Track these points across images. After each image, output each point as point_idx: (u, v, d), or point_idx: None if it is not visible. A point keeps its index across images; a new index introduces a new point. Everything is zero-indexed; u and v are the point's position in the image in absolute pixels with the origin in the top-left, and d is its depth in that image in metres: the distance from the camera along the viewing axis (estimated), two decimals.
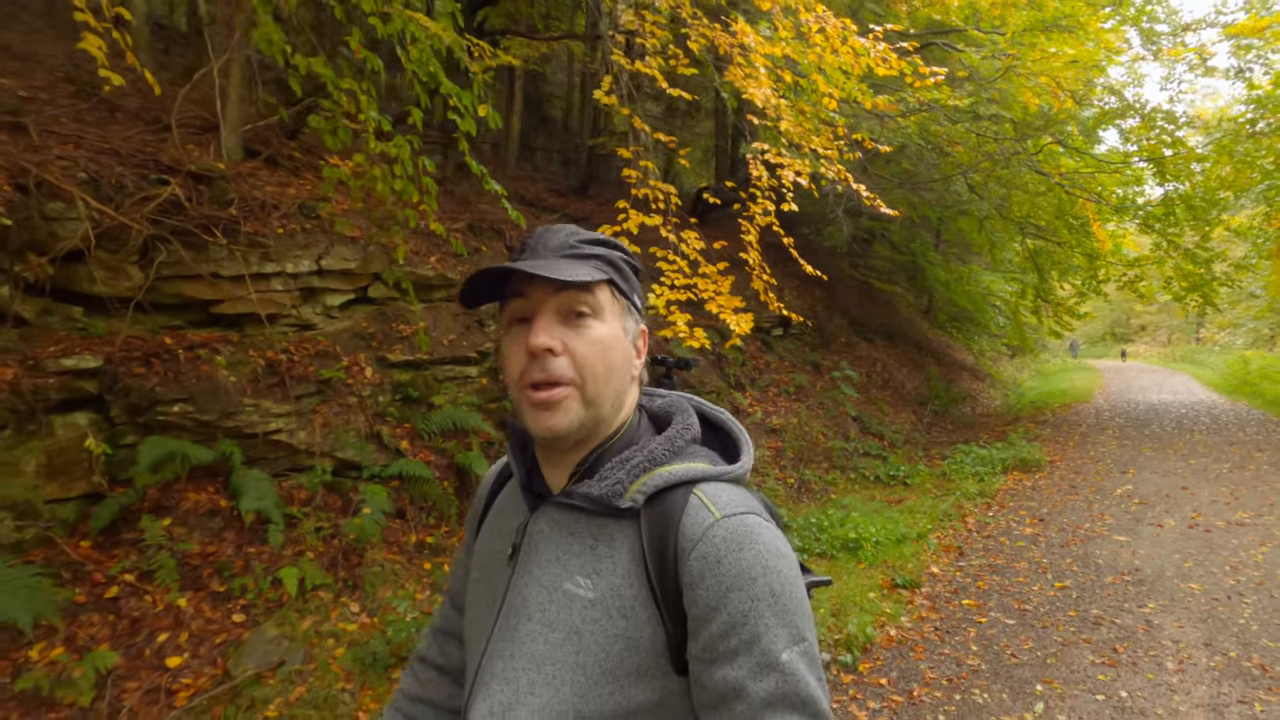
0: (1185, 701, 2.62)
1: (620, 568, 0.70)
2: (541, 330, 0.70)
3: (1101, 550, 4.33)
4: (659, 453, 0.73)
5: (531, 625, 0.72)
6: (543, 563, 0.74)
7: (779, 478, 6.57)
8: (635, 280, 0.81)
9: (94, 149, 4.36)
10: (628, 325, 0.77)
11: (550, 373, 0.70)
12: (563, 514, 0.75)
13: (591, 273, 0.71)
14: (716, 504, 0.69)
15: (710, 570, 0.65)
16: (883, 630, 3.22)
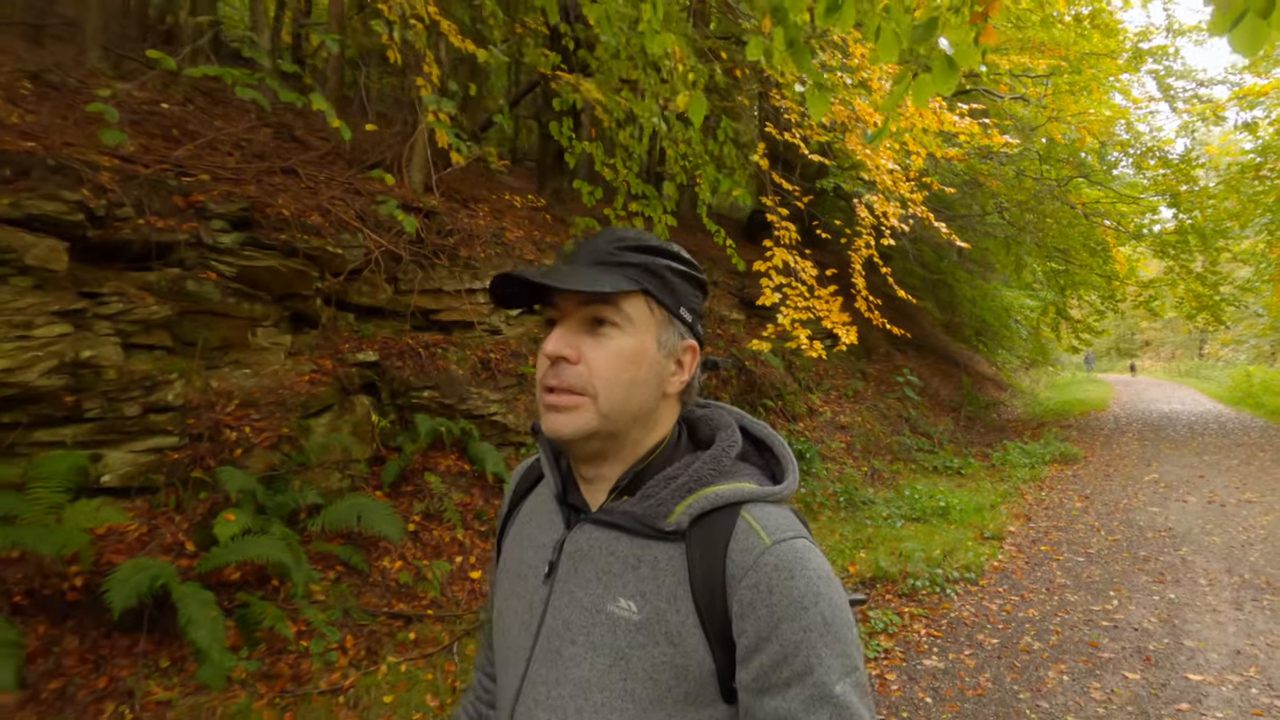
0: (1216, 600, 3.81)
1: (665, 591, 0.67)
2: (558, 337, 0.70)
3: (1140, 517, 5.53)
4: (705, 472, 0.71)
5: (576, 649, 0.70)
6: (583, 582, 0.72)
7: (854, 466, 7.74)
8: (687, 290, 0.76)
9: (341, 188, 5.62)
10: (664, 339, 0.73)
11: (563, 380, 0.69)
12: (603, 531, 0.73)
13: (618, 282, 0.68)
14: (765, 528, 0.67)
15: (762, 600, 0.63)
16: (987, 562, 4.41)
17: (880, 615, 3.53)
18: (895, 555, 4.36)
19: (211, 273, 4.17)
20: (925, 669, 3.06)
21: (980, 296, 14.80)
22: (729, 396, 7.40)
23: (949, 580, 4.05)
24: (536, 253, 6.52)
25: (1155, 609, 3.71)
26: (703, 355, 0.81)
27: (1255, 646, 3.23)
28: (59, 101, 4.89)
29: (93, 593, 3.08)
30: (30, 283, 3.30)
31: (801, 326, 5.63)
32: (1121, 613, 3.66)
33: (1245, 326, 22.34)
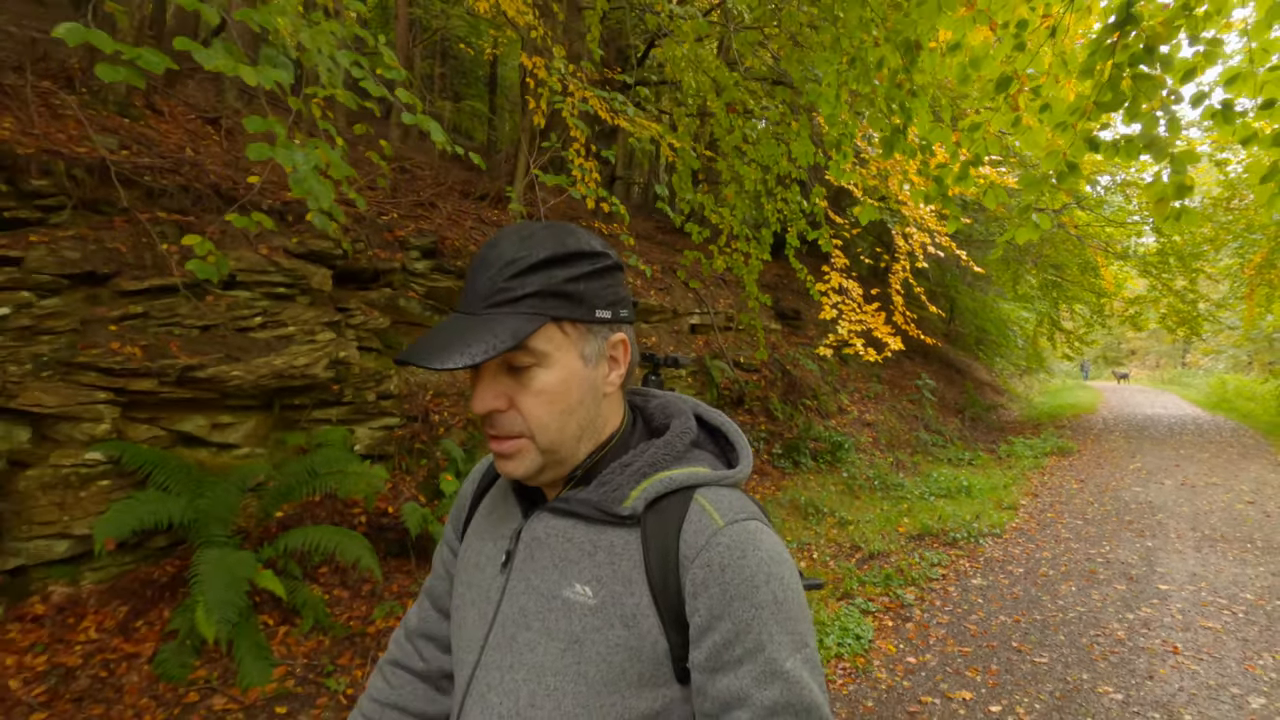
0: (1181, 547, 5.12)
1: (621, 575, 0.69)
2: (481, 393, 0.69)
3: (1126, 494, 6.87)
4: (659, 457, 0.73)
5: (530, 634, 0.70)
6: (539, 569, 0.73)
7: (881, 457, 9.03)
8: (598, 286, 0.71)
9: (473, 219, 6.88)
10: (588, 351, 0.71)
11: (500, 429, 0.70)
12: (560, 520, 0.74)
13: (520, 326, 0.65)
14: (718, 509, 0.69)
15: (714, 579, 0.65)
16: (1007, 524, 5.70)
17: (933, 554, 4.81)
18: (935, 518, 5.64)
19: (412, 291, 5.44)
20: (973, 586, 4.33)
21: (980, 308, 16.20)
22: (776, 395, 8.69)
23: (980, 534, 5.34)
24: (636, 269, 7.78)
25: (1137, 552, 5.02)
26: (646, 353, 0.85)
27: (1206, 572, 4.54)
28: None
29: (374, 525, 4.33)
30: (308, 300, 4.56)
31: (856, 336, 6.91)
32: (1112, 554, 4.97)
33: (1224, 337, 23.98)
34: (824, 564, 4.77)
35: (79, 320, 3.50)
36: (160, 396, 3.64)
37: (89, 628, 3.16)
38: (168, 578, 3.48)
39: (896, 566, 4.51)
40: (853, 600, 3.91)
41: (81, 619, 3.19)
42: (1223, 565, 4.70)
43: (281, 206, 4.63)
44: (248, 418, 4.09)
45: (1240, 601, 4.00)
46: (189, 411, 3.82)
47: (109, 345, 3.47)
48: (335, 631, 3.51)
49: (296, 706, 2.99)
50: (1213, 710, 2.78)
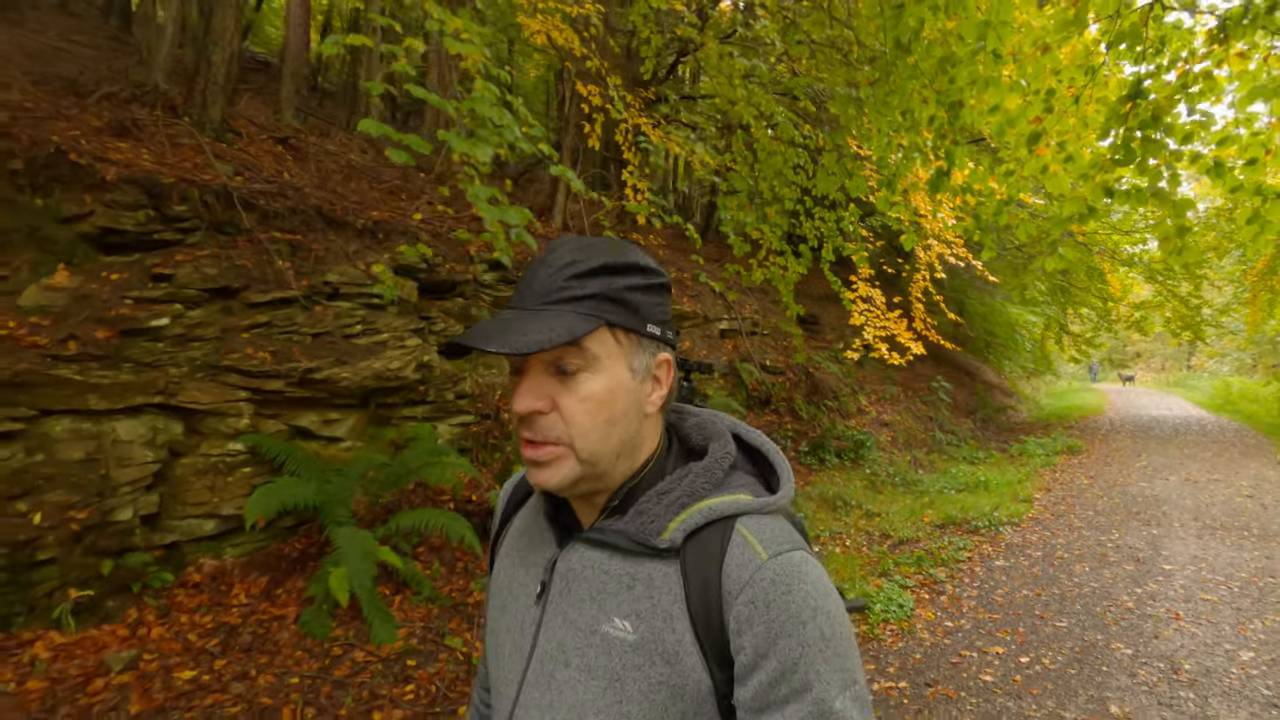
0: (1184, 534, 5.61)
1: (661, 610, 0.67)
2: (525, 392, 0.68)
3: (1133, 489, 7.36)
4: (699, 485, 0.71)
5: (570, 672, 0.69)
6: (576, 603, 0.71)
7: (899, 455, 9.52)
8: (651, 302, 0.72)
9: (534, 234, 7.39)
10: (636, 364, 0.70)
11: (538, 432, 0.68)
12: (596, 551, 0.72)
13: (577, 324, 0.65)
14: (761, 541, 0.67)
15: (759, 615, 0.63)
16: (1024, 514, 6.20)
17: (958, 540, 5.31)
18: (957, 509, 6.14)
19: (482, 301, 5.97)
20: (997, 567, 4.83)
21: (989, 312, 16.67)
22: (800, 396, 9.19)
23: (1000, 523, 5.84)
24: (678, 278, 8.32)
25: (1143, 538, 5.52)
26: (678, 358, 0.81)
27: (1206, 555, 5.04)
28: (350, 172, 6.65)
29: (461, 510, 4.84)
30: (398, 310, 5.08)
31: (880, 341, 7.41)
32: (1121, 540, 5.47)
33: (1228, 341, 24.41)
34: (858, 550, 5.27)
35: (220, 329, 4.04)
36: (285, 395, 4.16)
37: (239, 594, 3.68)
38: (297, 553, 4.00)
39: (926, 550, 5.02)
40: (891, 578, 4.42)
41: (231, 587, 3.72)
42: (1221, 550, 5.19)
43: (373, 226, 5.16)
44: (350, 414, 4.60)
45: (1236, 579, 4.49)
46: (305, 409, 4.34)
47: (245, 350, 4.00)
48: (441, 601, 4.03)
49: (422, 660, 3.50)
50: (1208, 661, 3.28)
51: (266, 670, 3.20)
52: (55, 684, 2.81)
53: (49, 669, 2.87)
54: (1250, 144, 2.46)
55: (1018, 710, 2.85)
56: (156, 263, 3.97)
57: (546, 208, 8.42)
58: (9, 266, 3.57)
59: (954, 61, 2.75)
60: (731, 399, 8.13)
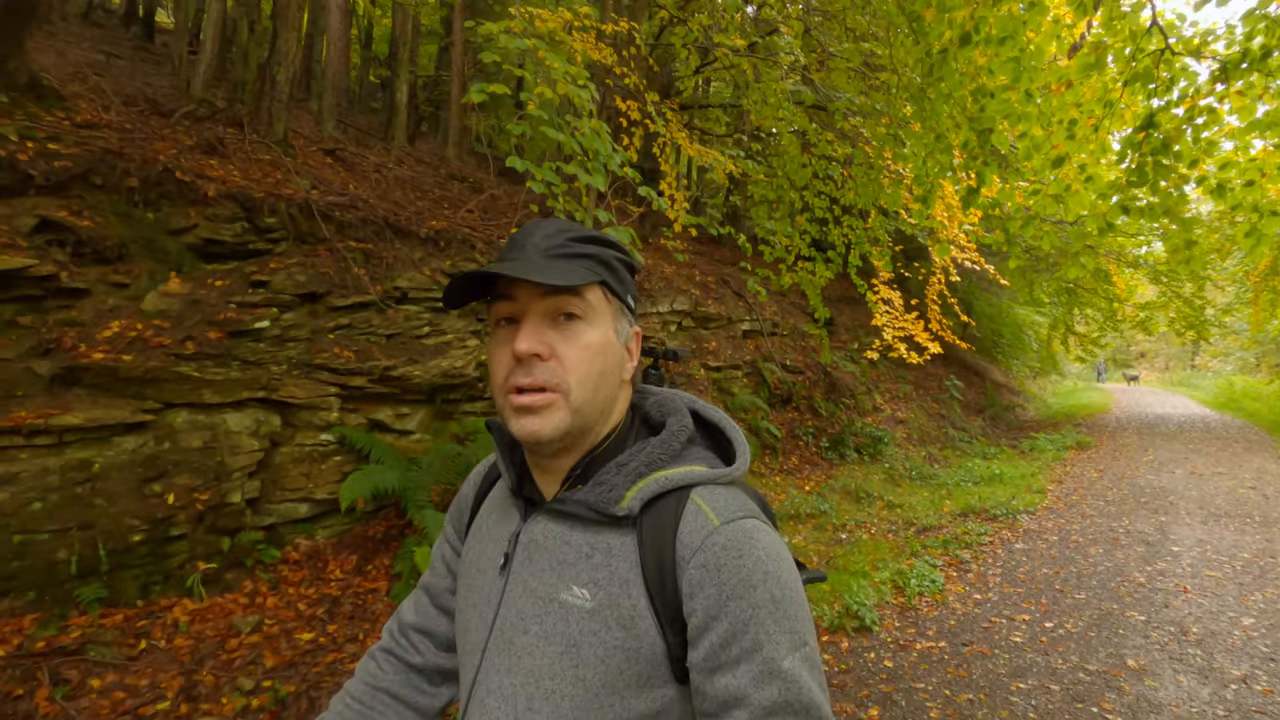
0: (1190, 521, 5.99)
1: (618, 577, 0.69)
2: (528, 334, 0.70)
3: (1141, 481, 7.74)
4: (655, 456, 0.73)
5: (528, 638, 0.71)
6: (537, 572, 0.74)
7: (914, 450, 9.90)
8: (630, 279, 0.79)
9: None
10: (620, 328, 0.76)
11: (536, 378, 0.70)
12: (557, 522, 0.75)
13: (583, 274, 0.70)
14: (714, 509, 0.69)
15: (710, 579, 0.65)
16: (1038, 504, 6.58)
17: (978, 526, 5.69)
18: (975, 499, 6.52)
19: None
20: (1017, 549, 5.22)
21: (996, 313, 17.03)
22: (819, 394, 9.57)
23: (1017, 511, 6.22)
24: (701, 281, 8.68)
25: (1152, 525, 5.91)
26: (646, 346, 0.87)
27: (1211, 539, 5.42)
28: (396, 182, 7.04)
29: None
30: (458, 313, 5.47)
31: (899, 341, 7.79)
32: (1131, 526, 5.85)
33: (1231, 341, 24.75)
34: (884, 536, 5.65)
35: (310, 330, 4.44)
36: (365, 391, 4.56)
37: (335, 570, 4.08)
38: (380, 534, 4.40)
39: (950, 535, 5.41)
40: (920, 558, 4.80)
41: (327, 564, 4.11)
42: (1225, 534, 5.57)
43: (435, 235, 5.56)
44: (419, 409, 5.00)
45: (1239, 559, 4.87)
46: (380, 404, 4.74)
47: (333, 350, 4.40)
48: None
49: None
50: (1213, 626, 3.67)
51: (371, 635, 3.59)
52: (197, 642, 3.21)
53: (189, 630, 3.27)
54: (1248, 168, 2.85)
55: (1045, 664, 3.24)
56: (254, 270, 4.37)
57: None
58: (131, 275, 3.98)
59: (985, 93, 3.14)
60: (756, 396, 8.52)
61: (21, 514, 3.14)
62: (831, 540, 5.62)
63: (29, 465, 3.22)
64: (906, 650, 3.40)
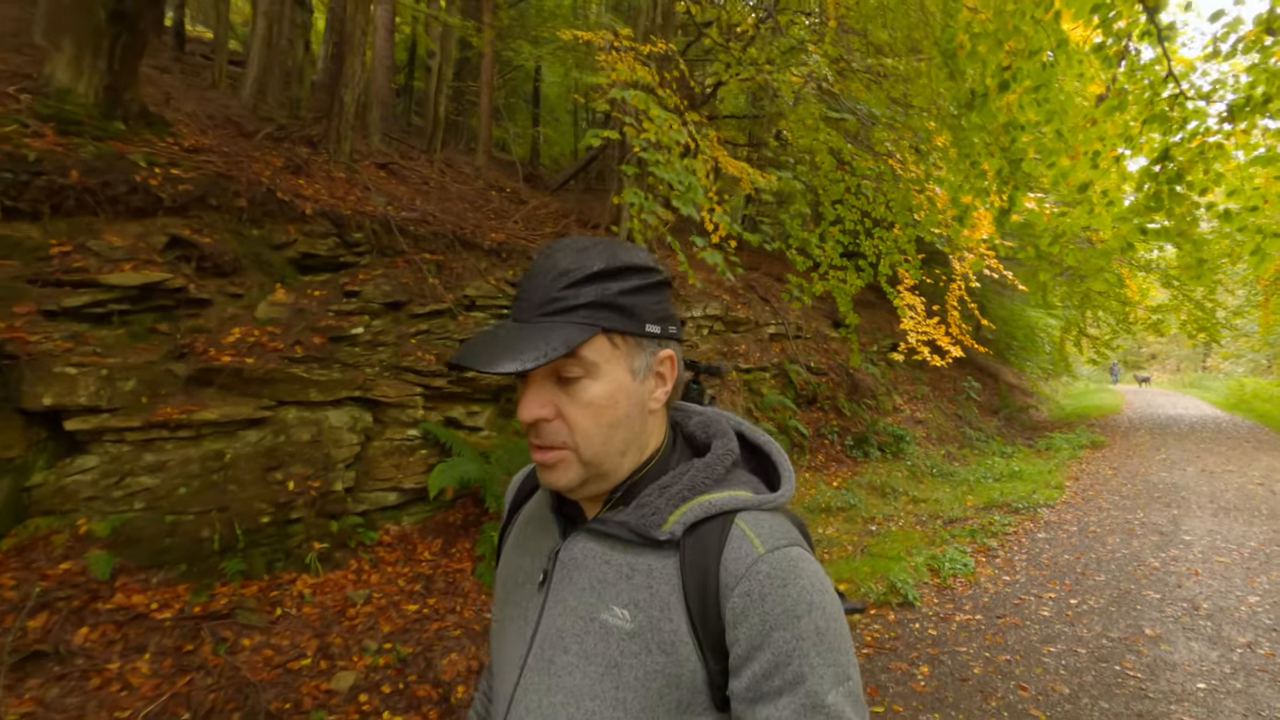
0: (1201, 514, 6.39)
1: (659, 600, 0.69)
2: (529, 401, 0.71)
3: (1154, 478, 8.13)
4: (700, 480, 0.73)
5: (568, 658, 0.72)
6: (577, 591, 0.74)
7: (934, 449, 10.29)
8: (649, 301, 0.74)
9: None
10: (637, 365, 0.73)
11: (544, 439, 0.71)
12: (597, 541, 0.75)
13: (572, 335, 0.68)
14: (759, 536, 0.69)
15: (755, 608, 0.65)
16: (1057, 499, 6.98)
17: (1002, 518, 6.10)
18: (997, 494, 6.92)
19: None
20: (1039, 538, 5.63)
21: (1009, 316, 17.38)
22: (843, 395, 9.98)
23: (1037, 505, 6.63)
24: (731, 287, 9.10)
25: (1165, 517, 6.30)
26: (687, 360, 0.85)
27: (1220, 529, 5.82)
28: (445, 194, 7.50)
29: None
30: None
31: (922, 344, 8.18)
32: (1145, 519, 6.25)
33: (1243, 343, 24.98)
34: (912, 528, 6.06)
35: (396, 335, 4.89)
36: (443, 391, 5.01)
37: (424, 552, 4.53)
38: (460, 520, 4.84)
39: (977, 525, 5.82)
40: (950, 545, 5.22)
41: (416, 547, 4.56)
42: (1234, 526, 5.96)
43: (497, 246, 6.01)
44: (486, 407, 5.45)
45: (1246, 547, 5.27)
46: (455, 402, 5.19)
47: (416, 354, 4.86)
48: None
49: None
50: (1222, 603, 4.07)
51: (465, 608, 4.04)
52: (322, 611, 3.67)
53: (314, 600, 3.72)
54: (1252, 195, 3.27)
55: (1072, 633, 3.65)
56: (346, 281, 4.84)
57: (611, 221, 9.25)
58: (244, 286, 4.44)
59: (1017, 126, 3.56)
60: (784, 397, 8.94)
61: (171, 497, 3.60)
62: (862, 531, 6.03)
63: (174, 455, 3.68)
64: (947, 622, 3.82)
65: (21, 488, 3.36)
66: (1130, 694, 2.99)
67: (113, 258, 3.87)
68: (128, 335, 3.85)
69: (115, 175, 4.09)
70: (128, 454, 3.58)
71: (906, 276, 7.91)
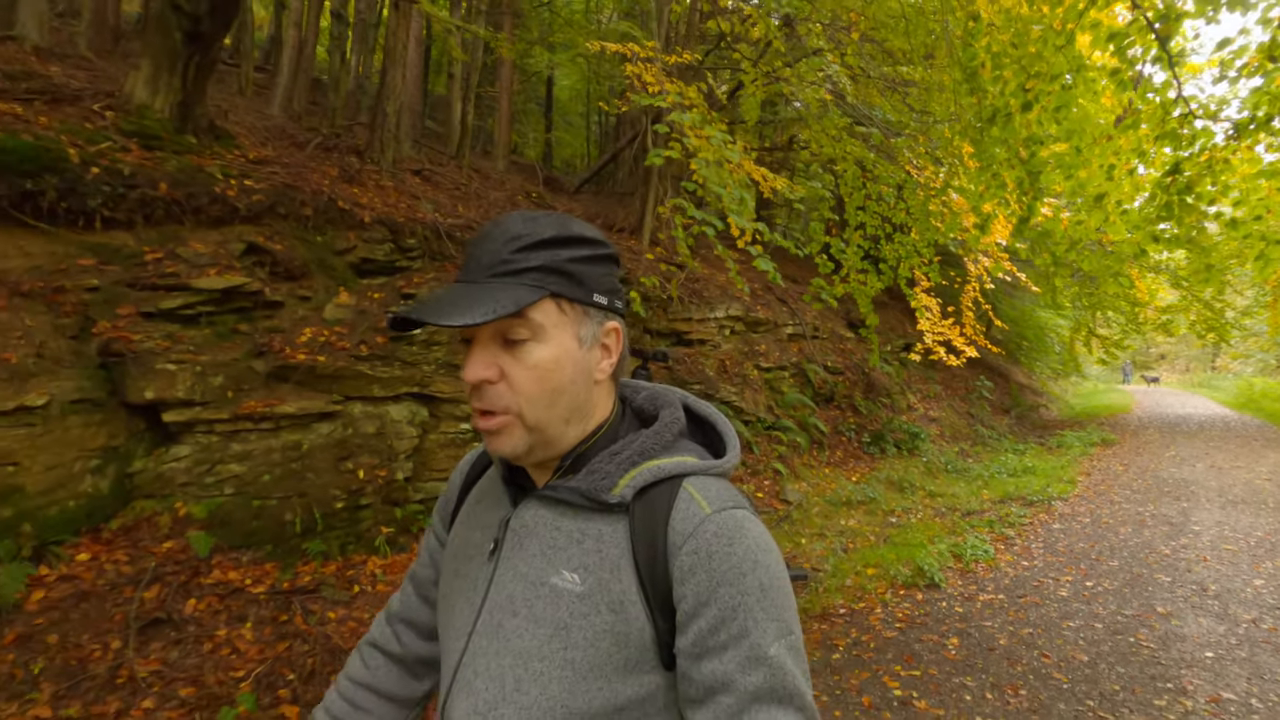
0: (1209, 506, 6.66)
1: (609, 562, 0.71)
2: (475, 361, 0.71)
3: (1164, 473, 8.39)
4: (648, 446, 0.75)
5: (517, 621, 0.72)
6: (527, 557, 0.75)
7: (948, 446, 10.56)
8: (597, 272, 0.75)
9: (626, 251, 8.52)
10: (583, 333, 0.74)
11: (487, 402, 0.72)
12: (548, 508, 0.76)
13: (518, 295, 0.68)
14: (706, 498, 0.71)
15: (701, 565, 0.67)
16: (1070, 492, 7.25)
17: (1018, 509, 6.39)
18: (1012, 488, 7.20)
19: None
20: (1055, 529, 5.91)
21: (1020, 316, 17.62)
22: (859, 393, 10.26)
23: (1051, 498, 6.91)
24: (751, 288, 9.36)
25: (1175, 509, 6.57)
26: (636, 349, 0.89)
27: (1228, 520, 6.09)
28: (475, 198, 7.82)
29: None
30: None
31: (939, 344, 8.46)
32: (1156, 511, 6.53)
33: (1252, 343, 25.11)
34: (931, 520, 6.34)
35: (449, 335, 5.21)
36: None
37: None
38: None
39: (994, 516, 6.10)
40: (970, 534, 5.50)
41: None
42: (1241, 517, 6.23)
43: None
44: None
45: (1253, 537, 5.53)
46: None
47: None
48: None
49: None
50: (1229, 585, 4.35)
51: None
52: (392, 589, 3.98)
53: (385, 579, 4.04)
54: (1256, 206, 3.55)
55: (1089, 610, 3.94)
56: (402, 284, 5.16)
57: (636, 225, 9.57)
58: (311, 289, 4.77)
59: (1037, 140, 3.86)
60: (802, 395, 9.23)
61: (257, 484, 3.93)
62: (883, 523, 6.32)
63: (258, 445, 4.01)
64: (971, 600, 4.11)
65: (124, 474, 3.70)
66: (1144, 661, 3.29)
67: (198, 263, 4.21)
68: (214, 334, 4.18)
69: (197, 187, 4.43)
70: (217, 444, 3.91)
71: (923, 279, 8.19)
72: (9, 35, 6.01)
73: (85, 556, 3.35)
